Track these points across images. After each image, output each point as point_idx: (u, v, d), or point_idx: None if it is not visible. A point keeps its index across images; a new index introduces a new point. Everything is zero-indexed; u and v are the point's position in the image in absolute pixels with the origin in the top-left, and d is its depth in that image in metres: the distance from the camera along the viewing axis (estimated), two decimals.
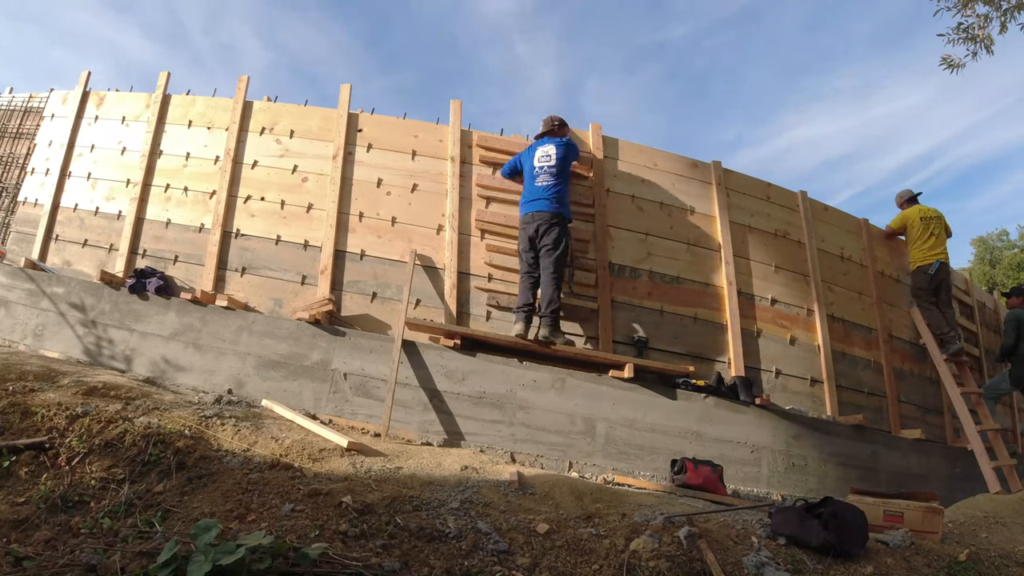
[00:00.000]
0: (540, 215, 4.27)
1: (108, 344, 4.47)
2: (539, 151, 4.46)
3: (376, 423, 4.02)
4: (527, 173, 4.47)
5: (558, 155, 4.37)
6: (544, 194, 4.31)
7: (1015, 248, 21.12)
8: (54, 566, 1.93)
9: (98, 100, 5.63)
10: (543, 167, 4.37)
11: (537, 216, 4.27)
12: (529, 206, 4.35)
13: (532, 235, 4.28)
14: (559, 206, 4.29)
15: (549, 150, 4.42)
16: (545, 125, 4.69)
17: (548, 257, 4.21)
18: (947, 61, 4.47)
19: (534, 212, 4.30)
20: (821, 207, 5.55)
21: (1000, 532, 3.13)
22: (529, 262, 4.32)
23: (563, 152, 4.39)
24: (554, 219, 4.24)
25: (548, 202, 4.28)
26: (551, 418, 4.11)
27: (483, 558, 2.23)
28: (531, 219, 4.30)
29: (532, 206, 4.33)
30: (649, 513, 2.62)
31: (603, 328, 4.54)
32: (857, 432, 4.62)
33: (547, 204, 4.28)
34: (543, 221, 4.25)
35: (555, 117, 4.70)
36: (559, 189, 4.32)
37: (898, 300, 5.74)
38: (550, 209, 4.27)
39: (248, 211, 4.94)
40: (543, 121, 4.72)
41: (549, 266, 4.20)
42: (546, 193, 4.30)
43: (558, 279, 4.23)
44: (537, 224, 4.26)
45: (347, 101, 5.07)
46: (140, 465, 2.75)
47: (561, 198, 4.32)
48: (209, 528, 1.95)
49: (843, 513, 2.44)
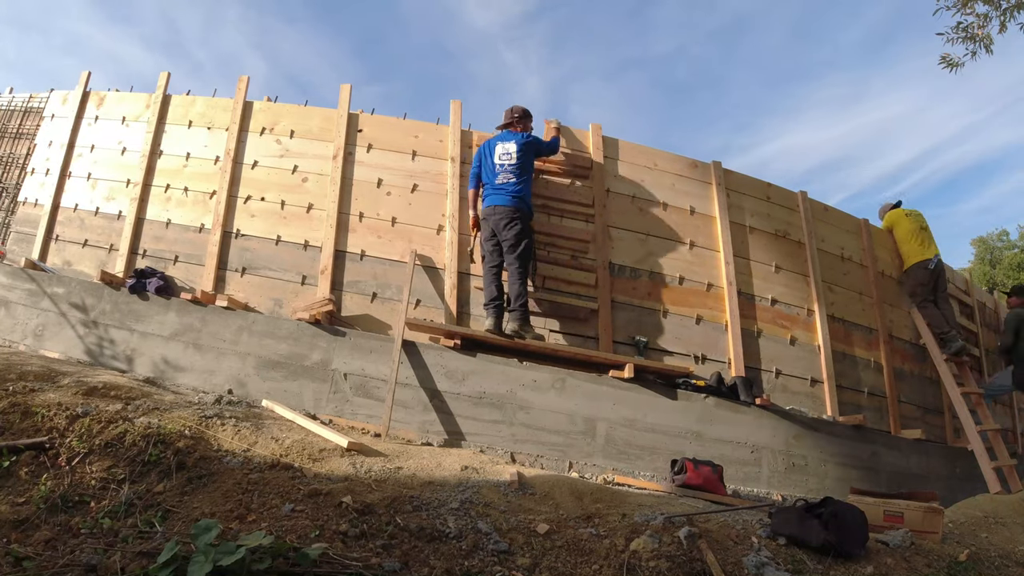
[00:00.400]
0: (501, 209, 4.31)
1: (108, 344, 4.47)
2: (499, 147, 4.48)
3: (376, 423, 4.02)
4: (488, 168, 4.49)
5: (518, 152, 4.40)
6: (504, 189, 4.35)
7: (1015, 248, 21.11)
8: (54, 566, 1.93)
9: (98, 100, 5.63)
10: (503, 164, 4.41)
11: (498, 210, 4.32)
12: (490, 199, 4.41)
13: (494, 227, 4.34)
14: (520, 202, 4.34)
15: (509, 147, 4.44)
16: (506, 117, 4.67)
17: (511, 253, 4.27)
18: (946, 60, 4.48)
19: (495, 206, 4.34)
20: (821, 207, 5.55)
21: (1000, 532, 3.13)
22: (491, 251, 4.36)
23: (523, 149, 4.42)
24: (515, 214, 4.29)
25: (509, 197, 4.32)
26: (551, 418, 4.11)
27: (483, 558, 2.23)
28: (492, 212, 4.35)
29: (493, 199, 4.38)
30: (649, 513, 2.62)
31: (603, 328, 4.54)
32: (857, 432, 4.62)
33: (507, 199, 4.32)
34: (504, 216, 4.29)
35: (516, 108, 4.67)
36: (521, 186, 4.36)
37: (898, 300, 5.74)
38: (510, 204, 4.30)
39: (248, 211, 4.95)
40: (504, 112, 4.70)
41: (514, 262, 4.26)
42: (506, 188, 4.35)
43: (523, 274, 4.27)
44: (498, 218, 4.31)
45: (347, 101, 5.07)
46: (140, 465, 2.75)
47: (522, 194, 4.37)
48: (209, 528, 1.95)
49: (843, 513, 2.44)
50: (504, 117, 4.68)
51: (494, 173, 4.43)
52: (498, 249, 4.36)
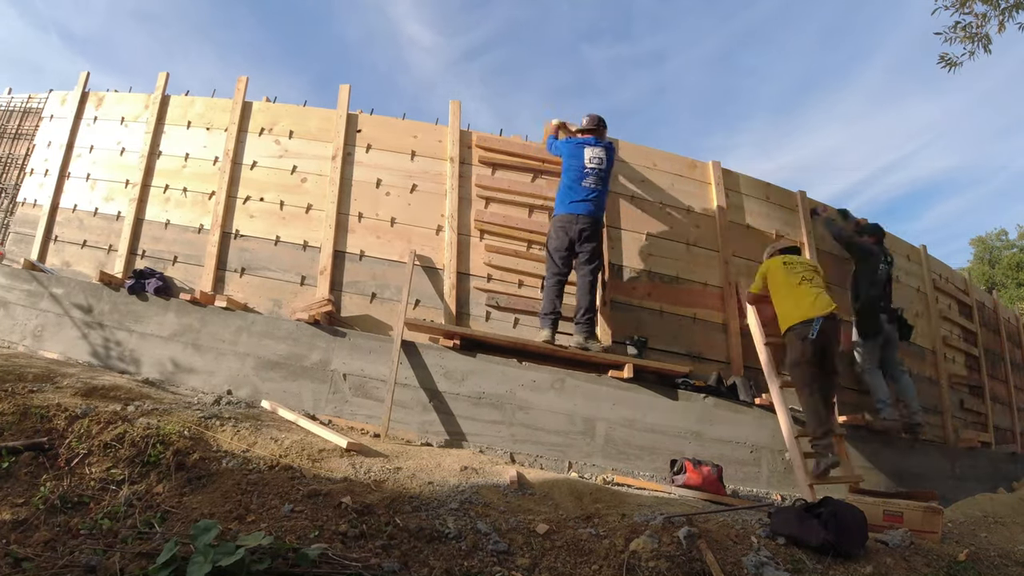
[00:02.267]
0: (585, 219, 4.17)
1: (107, 345, 4.47)
2: (589, 152, 4.33)
3: (376, 424, 4.01)
4: (573, 170, 4.30)
5: (608, 161, 4.34)
6: (591, 197, 4.22)
7: (1014, 248, 21.11)
8: (53, 567, 1.93)
9: (97, 101, 5.62)
10: (593, 169, 4.27)
11: (582, 219, 4.17)
12: (574, 207, 4.21)
13: (574, 237, 4.17)
14: (602, 213, 4.30)
15: (600, 153, 4.33)
16: (591, 122, 4.54)
17: (588, 265, 4.18)
18: (945, 59, 4.48)
19: (579, 215, 4.18)
20: (822, 206, 5.55)
21: (999, 532, 3.14)
22: (562, 262, 4.22)
23: (611, 158, 4.39)
24: (598, 224, 4.24)
25: (594, 207, 4.22)
26: (551, 418, 4.11)
27: (483, 558, 2.23)
28: (575, 220, 4.17)
29: (578, 207, 4.20)
30: (649, 513, 2.62)
31: (602, 328, 4.54)
32: (856, 432, 4.62)
33: (593, 209, 4.21)
34: (587, 226, 4.16)
35: (597, 116, 4.57)
36: (605, 197, 4.32)
37: (899, 300, 5.74)
38: (596, 215, 4.23)
39: (247, 212, 4.94)
40: (589, 117, 4.56)
41: (588, 274, 4.18)
42: (592, 196, 4.22)
43: (594, 287, 4.22)
44: (580, 227, 4.16)
45: (346, 101, 5.07)
46: (139, 466, 2.74)
47: (604, 205, 4.33)
48: (208, 529, 1.95)
49: (843, 513, 2.44)
50: (588, 122, 4.54)
51: (581, 175, 4.26)
52: (570, 259, 4.23)
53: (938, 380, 5.77)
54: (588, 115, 4.58)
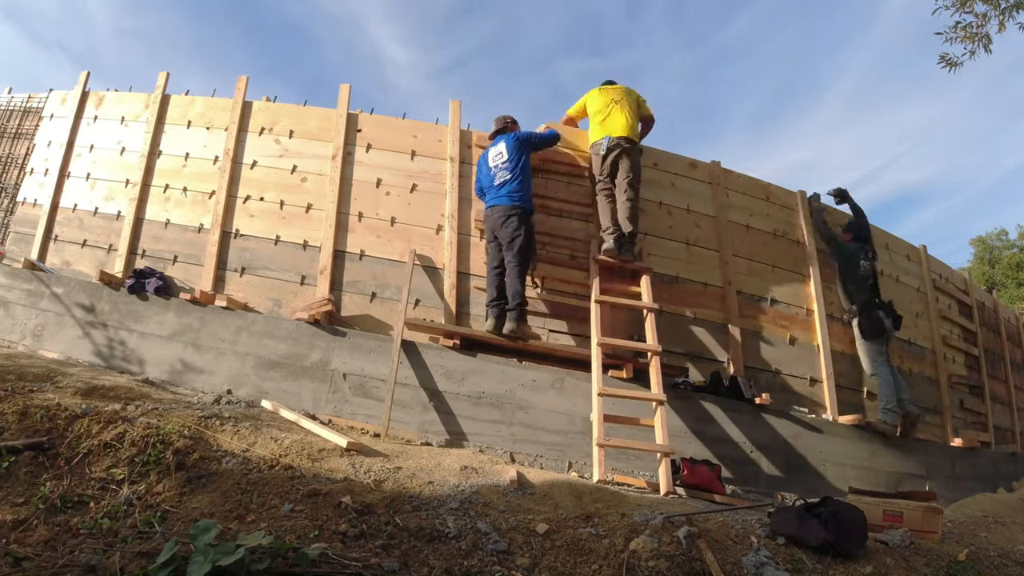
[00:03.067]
0: (498, 209, 4.28)
1: (107, 344, 4.47)
2: (492, 152, 4.48)
3: (375, 423, 4.01)
4: (485, 175, 4.47)
5: (509, 150, 4.37)
6: (501, 191, 4.31)
7: (1014, 248, 21.10)
8: (53, 566, 1.93)
9: (97, 100, 5.62)
10: (498, 165, 4.38)
11: (496, 210, 4.29)
12: (489, 202, 4.39)
13: (492, 227, 4.31)
14: (518, 200, 4.28)
15: (500, 148, 4.43)
16: (497, 124, 4.68)
17: (509, 251, 4.20)
18: (945, 59, 4.48)
19: (493, 206, 4.33)
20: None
21: (999, 532, 3.14)
22: (493, 252, 4.34)
23: (514, 146, 4.38)
24: (512, 211, 4.23)
25: (505, 196, 4.29)
26: (551, 418, 4.11)
27: (483, 558, 2.23)
28: (490, 213, 4.33)
29: (491, 201, 4.37)
30: (648, 513, 2.62)
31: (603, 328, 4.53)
32: (856, 432, 4.62)
33: (504, 199, 4.28)
34: (500, 214, 4.25)
35: (506, 116, 4.69)
36: (516, 183, 4.30)
37: (899, 300, 5.74)
38: (506, 203, 4.26)
39: (247, 211, 4.94)
40: (494, 120, 4.72)
41: (512, 260, 4.19)
42: (503, 190, 4.31)
43: (522, 272, 4.21)
44: (496, 217, 4.28)
45: (346, 101, 5.07)
46: (139, 465, 2.74)
47: (520, 192, 4.30)
48: (208, 528, 1.95)
49: (842, 513, 2.44)
50: (495, 124, 4.69)
51: (490, 177, 4.41)
52: (499, 249, 4.30)
53: (938, 380, 5.77)
54: (495, 118, 4.75)
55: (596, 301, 4.27)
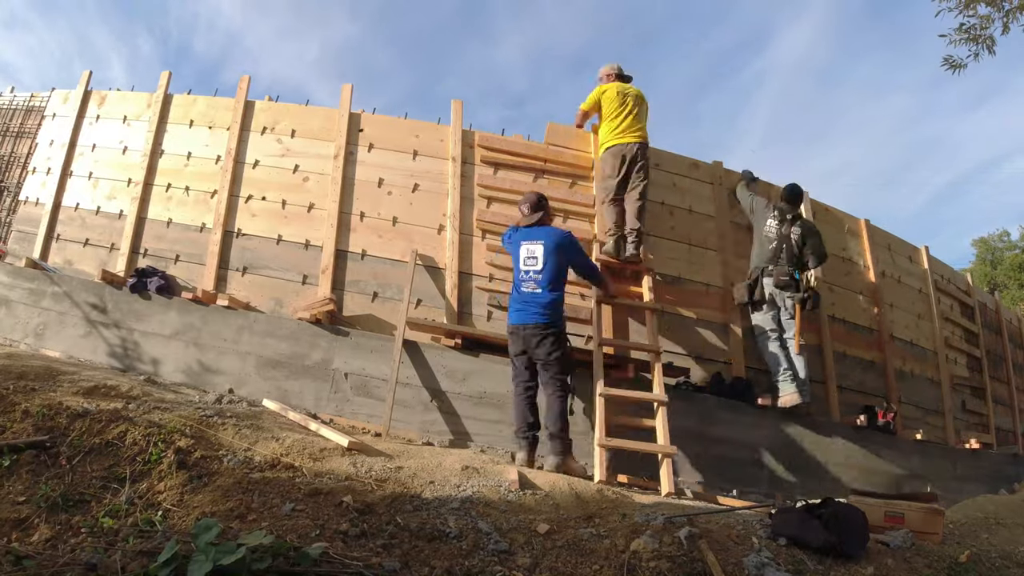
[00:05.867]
0: (528, 328, 3.65)
1: (109, 344, 4.47)
2: (524, 248, 3.79)
3: (377, 423, 4.02)
4: (515, 264, 3.85)
5: (545, 256, 3.70)
6: (531, 304, 3.69)
7: (1016, 249, 21.07)
8: (54, 565, 1.93)
9: (99, 100, 5.63)
10: (529, 272, 3.72)
11: (527, 329, 3.65)
12: (516, 316, 3.73)
13: (525, 345, 3.69)
14: (550, 315, 3.66)
15: (535, 249, 3.72)
16: (529, 210, 3.89)
17: (547, 372, 3.63)
18: (949, 62, 4.47)
19: (523, 324, 3.67)
20: (822, 207, 5.55)
21: (1001, 533, 3.13)
22: (522, 368, 3.73)
23: (552, 253, 3.70)
24: (547, 330, 3.63)
25: (537, 314, 3.65)
26: None
27: (484, 558, 2.23)
28: (519, 331, 3.69)
29: (519, 316, 3.71)
30: (650, 513, 2.61)
31: (604, 328, 4.53)
32: (858, 433, 4.61)
33: (539, 317, 3.65)
34: (535, 334, 3.63)
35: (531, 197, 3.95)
36: (552, 298, 3.68)
37: (900, 301, 5.74)
38: (543, 322, 3.64)
39: (249, 211, 4.95)
40: (528, 201, 3.92)
41: (550, 382, 3.62)
42: (534, 304, 3.68)
43: (564, 394, 3.60)
44: (527, 335, 3.65)
45: (348, 101, 5.07)
46: (141, 464, 2.75)
47: (553, 306, 3.68)
48: (210, 527, 1.95)
49: (844, 514, 2.43)
50: (527, 208, 3.91)
51: (518, 275, 3.79)
52: (526, 365, 3.72)
53: (940, 381, 5.77)
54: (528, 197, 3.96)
55: (598, 302, 4.27)
